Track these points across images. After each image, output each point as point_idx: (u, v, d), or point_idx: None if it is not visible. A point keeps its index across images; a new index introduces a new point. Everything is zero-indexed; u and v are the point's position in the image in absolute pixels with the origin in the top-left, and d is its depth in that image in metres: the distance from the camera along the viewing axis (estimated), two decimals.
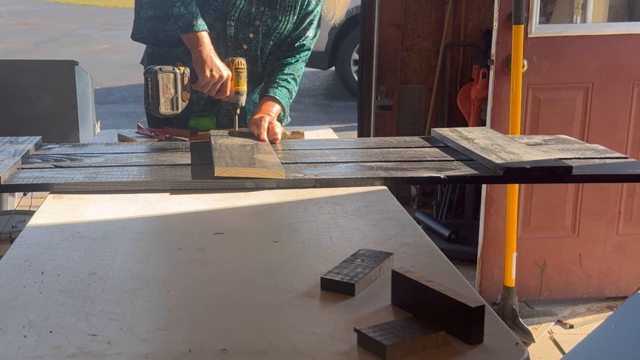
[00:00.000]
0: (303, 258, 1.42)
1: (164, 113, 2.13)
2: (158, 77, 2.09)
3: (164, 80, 2.10)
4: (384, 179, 1.81)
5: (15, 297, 1.24)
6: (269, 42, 2.33)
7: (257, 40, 2.31)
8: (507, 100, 2.96)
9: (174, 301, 1.24)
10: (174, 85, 2.12)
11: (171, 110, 2.14)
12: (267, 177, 1.79)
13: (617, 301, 3.28)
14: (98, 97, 6.55)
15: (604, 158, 1.96)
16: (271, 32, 2.31)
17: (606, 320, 2.31)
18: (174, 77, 2.11)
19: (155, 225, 1.63)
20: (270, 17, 2.28)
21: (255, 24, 2.28)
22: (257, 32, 2.29)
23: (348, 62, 7.90)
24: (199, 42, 2.14)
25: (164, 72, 2.10)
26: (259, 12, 2.26)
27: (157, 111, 2.12)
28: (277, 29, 2.30)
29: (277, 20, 2.29)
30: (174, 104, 2.14)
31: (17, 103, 3.49)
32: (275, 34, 2.31)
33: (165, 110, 2.13)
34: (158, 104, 2.10)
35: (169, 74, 2.11)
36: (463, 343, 1.09)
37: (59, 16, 15.90)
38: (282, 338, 1.11)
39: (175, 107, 2.14)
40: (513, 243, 2.98)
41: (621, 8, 3.56)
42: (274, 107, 2.26)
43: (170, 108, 2.14)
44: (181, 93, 2.14)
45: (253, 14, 2.26)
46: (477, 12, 4.33)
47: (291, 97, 2.35)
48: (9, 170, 1.76)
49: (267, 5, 2.26)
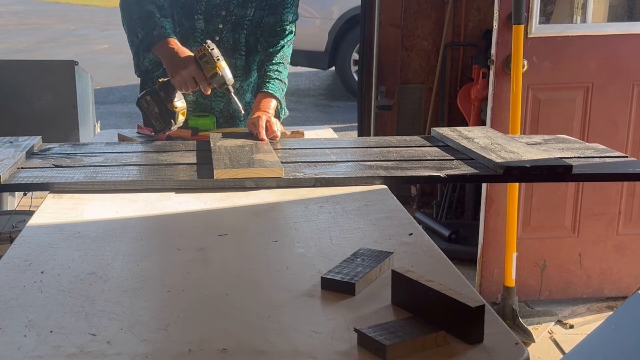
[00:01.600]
0: (303, 257, 1.42)
1: (161, 131, 2.22)
2: (140, 105, 2.22)
3: (144, 105, 2.21)
4: (384, 178, 1.81)
5: (15, 296, 1.24)
6: (242, 31, 2.33)
7: (227, 30, 2.32)
8: (507, 100, 2.96)
9: (174, 301, 1.24)
10: (155, 103, 2.19)
11: (165, 125, 2.20)
12: (267, 177, 1.79)
13: (617, 301, 3.28)
14: (98, 97, 6.55)
15: (604, 157, 1.96)
16: (241, 20, 2.31)
17: (606, 320, 2.31)
18: (150, 98, 2.19)
19: (155, 225, 1.63)
20: (236, 5, 2.30)
21: (222, 14, 2.30)
22: (225, 22, 2.31)
23: (348, 62, 7.90)
24: (161, 52, 2.19)
25: (142, 99, 2.22)
26: (224, 1, 2.28)
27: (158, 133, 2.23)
28: (246, 16, 2.31)
29: (244, 7, 2.30)
30: (165, 118, 2.19)
31: (17, 103, 3.49)
32: (246, 21, 2.32)
33: (160, 129, 2.21)
34: (155, 127, 2.22)
35: (146, 97, 2.21)
36: (463, 343, 1.09)
37: (59, 16, 15.89)
38: (282, 338, 1.11)
39: (168, 120, 2.18)
40: (513, 243, 2.98)
41: (621, 8, 3.56)
42: (270, 102, 2.26)
43: (164, 124, 2.20)
44: (167, 105, 2.17)
45: (219, 4, 2.28)
46: (477, 12, 4.33)
47: (285, 86, 2.36)
48: (9, 170, 1.76)
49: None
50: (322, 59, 7.95)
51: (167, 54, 2.17)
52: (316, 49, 7.87)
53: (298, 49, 7.95)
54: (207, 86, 2.14)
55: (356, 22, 7.04)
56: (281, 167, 1.81)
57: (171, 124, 2.19)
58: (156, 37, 2.18)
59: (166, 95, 2.17)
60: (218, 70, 2.10)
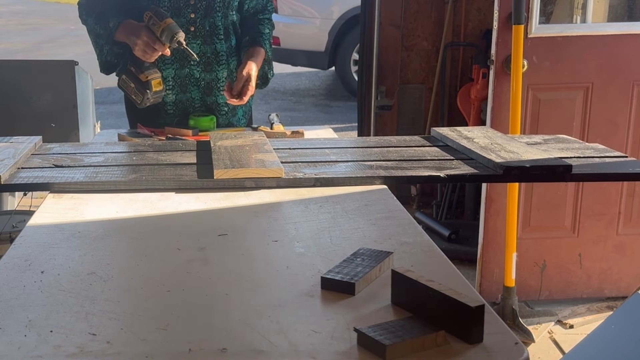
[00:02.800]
0: (303, 257, 1.42)
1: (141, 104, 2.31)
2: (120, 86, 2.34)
3: (122, 85, 2.33)
4: (384, 177, 1.80)
5: (16, 296, 1.24)
6: (216, 14, 2.36)
7: (201, 17, 2.35)
8: (507, 100, 2.96)
9: (174, 301, 1.24)
10: (130, 80, 2.30)
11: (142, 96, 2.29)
12: (267, 177, 1.79)
13: (617, 301, 3.28)
14: (98, 97, 6.54)
15: (604, 157, 1.96)
16: (212, 3, 2.36)
17: (606, 320, 2.31)
18: (125, 76, 2.31)
19: (155, 224, 1.63)
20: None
21: (191, 2, 2.34)
22: (196, 9, 2.34)
23: (348, 62, 7.90)
24: (121, 35, 2.28)
25: (119, 79, 2.35)
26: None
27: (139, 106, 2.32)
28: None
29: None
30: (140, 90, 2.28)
31: (17, 103, 3.49)
32: (217, 3, 2.36)
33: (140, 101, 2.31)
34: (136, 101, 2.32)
35: (122, 75, 2.33)
36: (463, 343, 1.09)
37: (59, 16, 15.89)
38: (282, 338, 1.11)
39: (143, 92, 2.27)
40: (513, 243, 2.98)
41: (621, 8, 3.56)
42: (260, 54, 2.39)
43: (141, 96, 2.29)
44: (140, 77, 2.28)
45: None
46: (477, 12, 4.33)
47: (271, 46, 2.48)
48: (9, 170, 1.76)
49: None
50: (322, 59, 7.95)
51: (125, 32, 2.26)
52: (316, 49, 7.87)
53: (298, 49, 8.01)
54: (162, 46, 2.20)
55: (356, 22, 7.04)
56: (281, 167, 1.81)
57: (147, 94, 2.28)
58: (112, 27, 2.28)
59: (137, 68, 2.28)
60: (164, 25, 2.18)
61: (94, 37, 2.38)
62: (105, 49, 2.36)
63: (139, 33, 2.20)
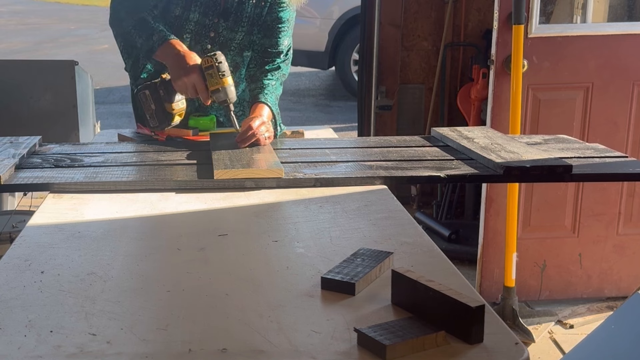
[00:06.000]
0: (303, 257, 1.42)
1: (154, 129, 2.17)
2: (139, 97, 2.15)
3: (142, 98, 2.13)
4: (384, 178, 1.81)
5: (16, 296, 1.24)
6: (228, 52, 2.30)
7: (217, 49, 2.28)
8: (507, 100, 2.96)
9: (174, 301, 1.24)
10: (153, 100, 2.12)
11: (159, 124, 2.14)
12: (267, 177, 1.79)
13: (617, 301, 3.28)
14: (98, 97, 6.54)
15: (604, 157, 1.96)
16: (229, 42, 2.31)
17: (606, 320, 2.31)
18: (149, 93, 2.12)
19: (155, 225, 1.63)
20: (225, 28, 2.29)
21: (211, 35, 2.30)
22: (213, 43, 2.30)
23: (348, 62, 7.90)
24: (164, 54, 2.13)
25: (140, 91, 2.14)
26: (213, 23, 2.28)
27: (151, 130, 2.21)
28: (234, 39, 2.31)
29: (233, 31, 2.30)
30: (160, 117, 2.13)
31: (17, 103, 3.49)
32: (233, 44, 2.32)
33: (154, 126, 2.16)
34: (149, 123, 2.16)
35: (145, 90, 2.13)
36: (463, 343, 1.09)
37: (59, 16, 15.89)
38: (282, 338, 1.11)
39: (163, 120, 2.13)
40: (513, 243, 2.98)
41: (621, 8, 3.56)
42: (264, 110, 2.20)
43: (157, 122, 2.14)
44: (165, 105, 2.12)
45: (208, 25, 2.28)
46: (477, 12, 4.33)
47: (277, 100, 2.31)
48: (9, 170, 1.76)
49: (221, 16, 2.27)
50: (322, 59, 7.95)
51: (172, 56, 2.11)
52: (316, 49, 7.87)
53: (298, 49, 7.97)
54: (207, 98, 2.08)
55: (356, 22, 7.04)
56: (281, 167, 1.81)
57: (165, 125, 2.14)
58: (156, 41, 2.14)
59: (166, 94, 2.11)
60: (221, 86, 2.05)
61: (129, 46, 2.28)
62: (141, 64, 2.28)
63: (189, 72, 2.05)
